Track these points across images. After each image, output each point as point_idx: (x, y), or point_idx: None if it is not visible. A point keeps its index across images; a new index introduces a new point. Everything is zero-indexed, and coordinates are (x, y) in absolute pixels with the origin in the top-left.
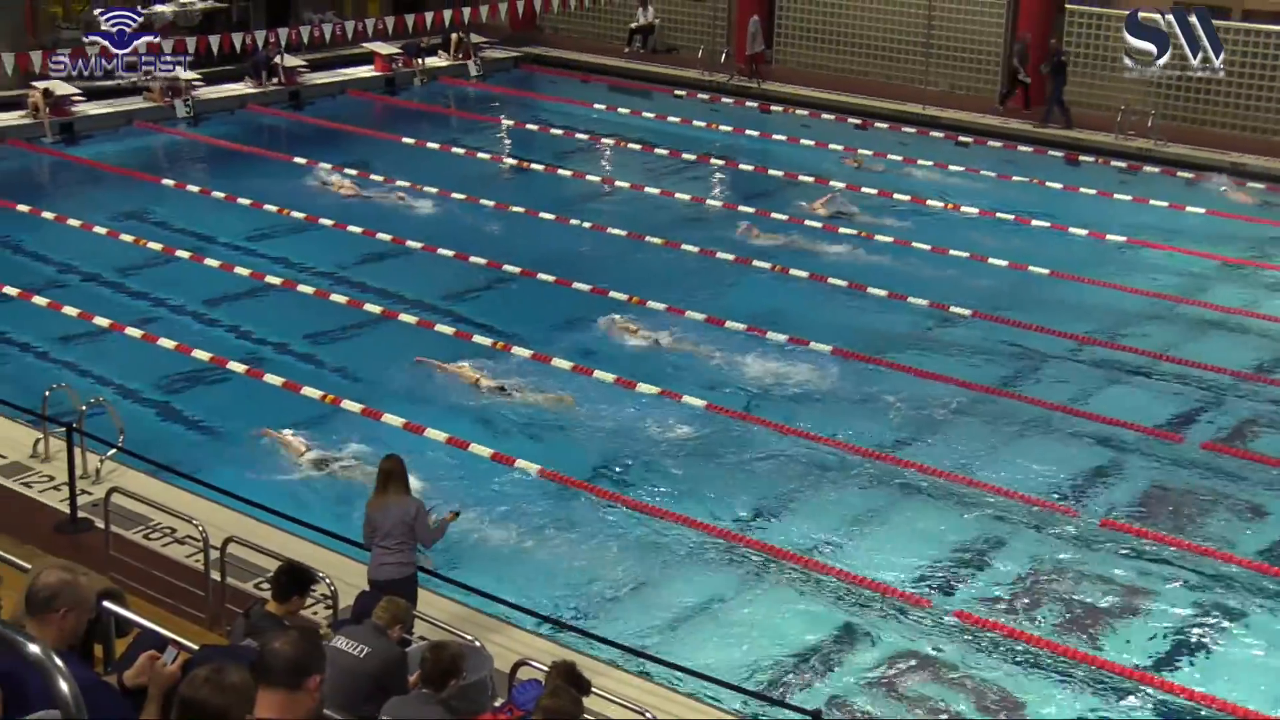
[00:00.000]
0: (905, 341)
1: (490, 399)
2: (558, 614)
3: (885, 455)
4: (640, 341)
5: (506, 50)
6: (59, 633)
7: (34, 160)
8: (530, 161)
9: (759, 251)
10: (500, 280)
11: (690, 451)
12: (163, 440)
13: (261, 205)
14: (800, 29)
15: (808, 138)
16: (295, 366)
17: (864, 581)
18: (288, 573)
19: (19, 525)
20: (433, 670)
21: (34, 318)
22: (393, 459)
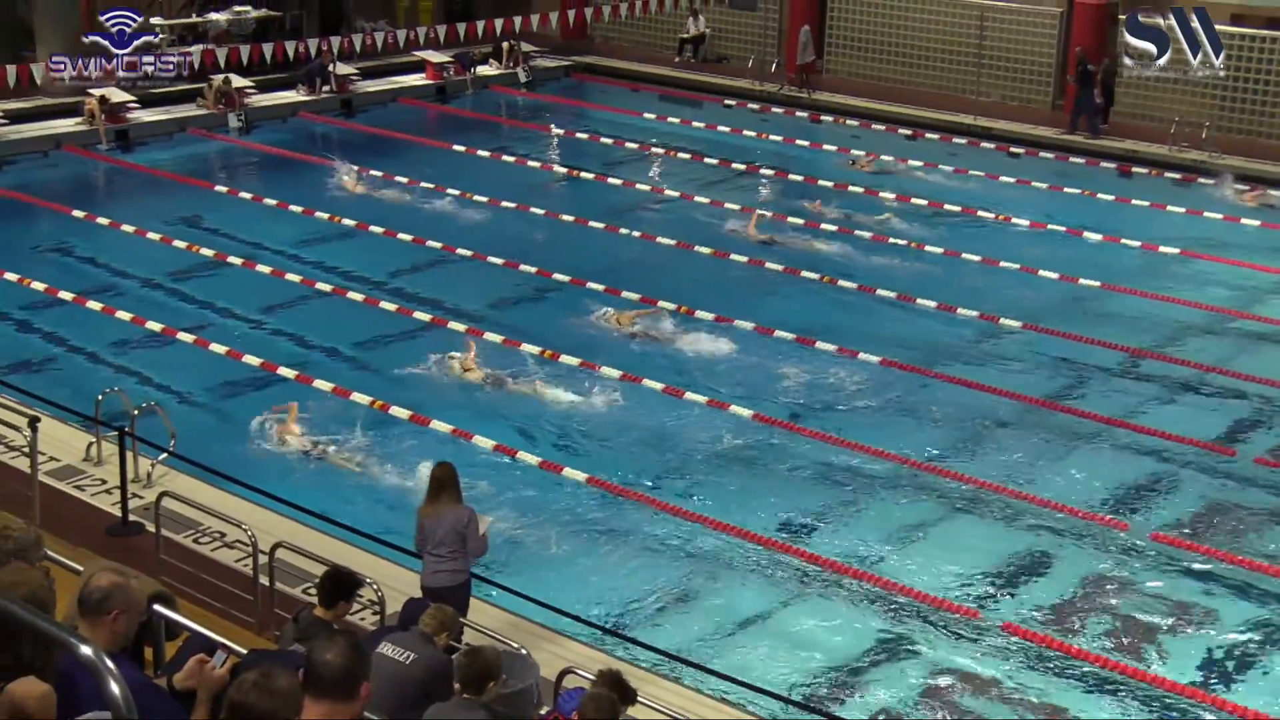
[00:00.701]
0: (954, 353)
1: (534, 407)
2: (604, 622)
3: (934, 467)
4: (687, 350)
5: (557, 59)
6: (110, 635)
7: (89, 166)
8: (580, 170)
9: (808, 261)
10: (549, 288)
11: (737, 461)
12: (213, 445)
13: (313, 212)
14: (851, 39)
15: (858, 148)
16: (344, 372)
17: (911, 592)
18: (332, 578)
19: (72, 527)
20: (468, 674)
21: (88, 322)
22: (445, 466)
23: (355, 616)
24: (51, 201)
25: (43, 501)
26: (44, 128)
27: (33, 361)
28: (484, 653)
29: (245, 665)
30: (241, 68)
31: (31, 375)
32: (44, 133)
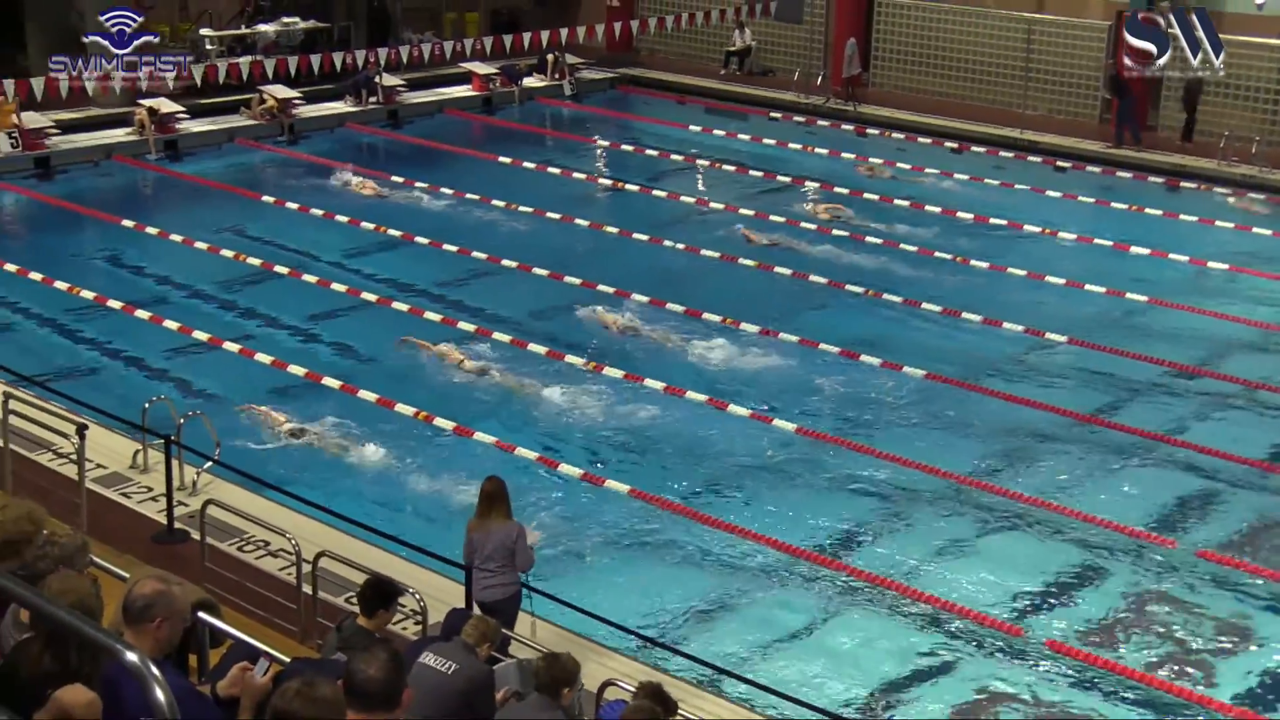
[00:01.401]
0: (999, 367)
1: (576, 419)
2: (646, 634)
3: (978, 481)
4: (731, 363)
5: (603, 71)
6: (154, 642)
7: (139, 176)
8: (624, 182)
9: (852, 275)
10: (594, 300)
11: (780, 474)
12: (258, 454)
13: (359, 223)
14: (897, 51)
15: (904, 161)
16: (388, 382)
17: (953, 608)
18: (373, 587)
19: (118, 535)
20: (546, 679)
21: (136, 331)
22: (495, 481)
23: (397, 626)
24: (101, 211)
25: (90, 508)
26: (95, 138)
27: (81, 369)
28: (562, 659)
29: (288, 673)
30: (289, 79)
31: (80, 383)
32: (95, 142)
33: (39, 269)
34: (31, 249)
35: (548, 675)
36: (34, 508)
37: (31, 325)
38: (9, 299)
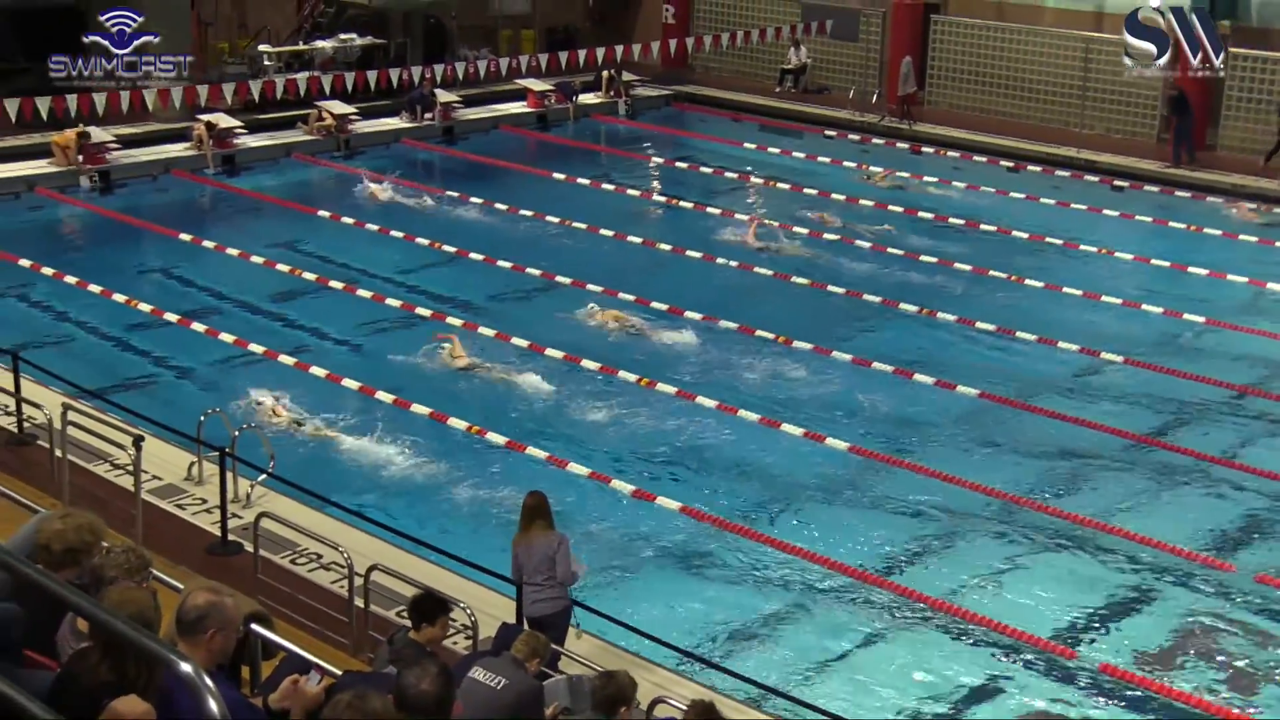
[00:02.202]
0: (1054, 387)
1: (627, 435)
2: (696, 651)
3: (1032, 502)
4: (783, 381)
5: (658, 88)
6: (207, 653)
7: (197, 190)
8: (679, 199)
9: (905, 293)
10: (647, 317)
11: (832, 492)
12: (311, 467)
13: (414, 238)
14: (953, 70)
15: (959, 180)
16: (441, 397)
17: (1005, 629)
18: (424, 600)
19: (173, 546)
20: (602, 697)
21: (192, 344)
22: (536, 495)
23: (447, 640)
24: (159, 224)
25: (145, 519)
26: (154, 152)
27: (138, 381)
28: (618, 677)
29: (339, 686)
30: (346, 95)
31: (137, 394)
32: (154, 157)
33: (98, 281)
34: (91, 262)
35: (604, 693)
36: (95, 520)
37: (90, 337)
38: (69, 312)
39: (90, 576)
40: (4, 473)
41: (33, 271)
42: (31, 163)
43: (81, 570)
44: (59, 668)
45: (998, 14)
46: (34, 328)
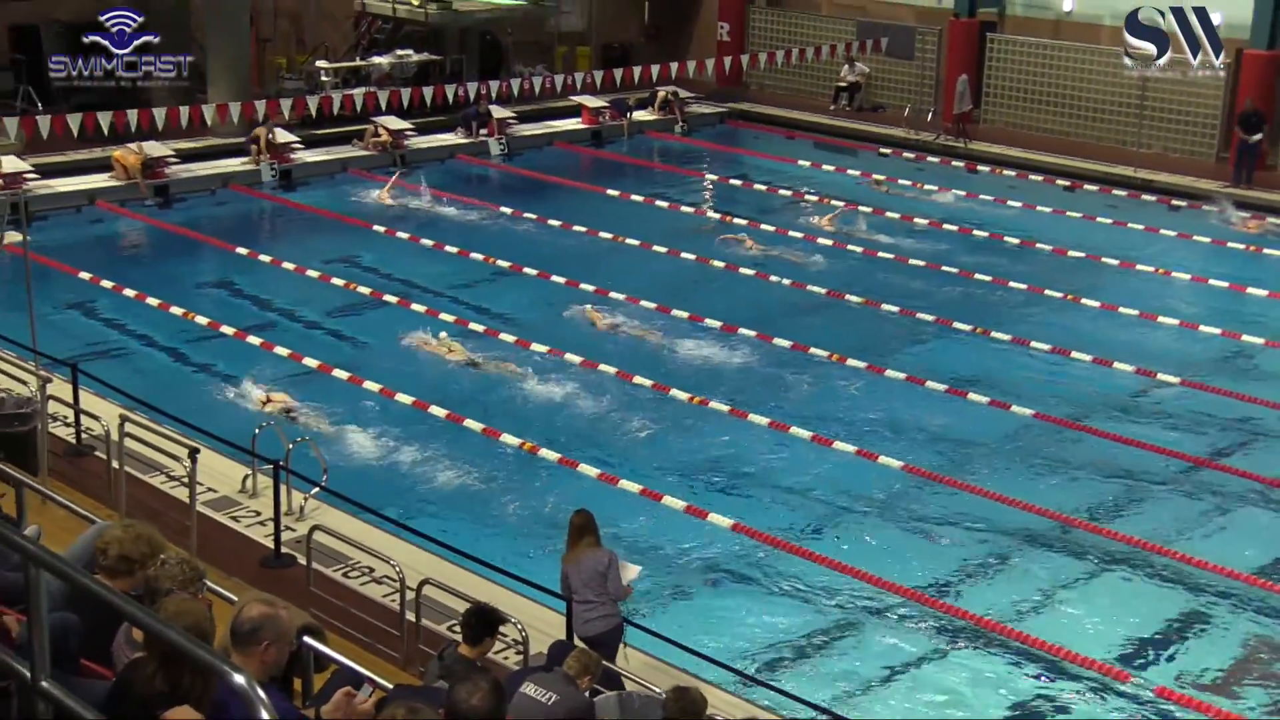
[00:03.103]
0: (1110, 408)
1: (678, 452)
2: (746, 670)
3: (1087, 523)
4: (837, 399)
5: (713, 105)
6: (261, 665)
7: (253, 205)
8: (732, 216)
9: (960, 311)
10: (700, 334)
11: (885, 511)
12: (364, 481)
13: (468, 253)
14: (1009, 88)
15: (1014, 199)
16: (495, 413)
17: (1059, 651)
18: (476, 614)
19: (227, 558)
20: (675, 711)
21: (247, 357)
22: (583, 513)
23: (498, 655)
24: (217, 238)
25: (200, 531)
26: (212, 167)
27: (194, 393)
28: (691, 693)
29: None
30: (402, 110)
31: (192, 407)
32: (212, 171)
33: (156, 294)
34: (149, 275)
35: (677, 708)
36: (153, 532)
37: (148, 350)
38: (127, 324)
39: (145, 587)
40: (62, 483)
41: (92, 284)
42: (92, 177)
43: (137, 581)
44: (114, 677)
45: (1054, 32)
46: (93, 340)
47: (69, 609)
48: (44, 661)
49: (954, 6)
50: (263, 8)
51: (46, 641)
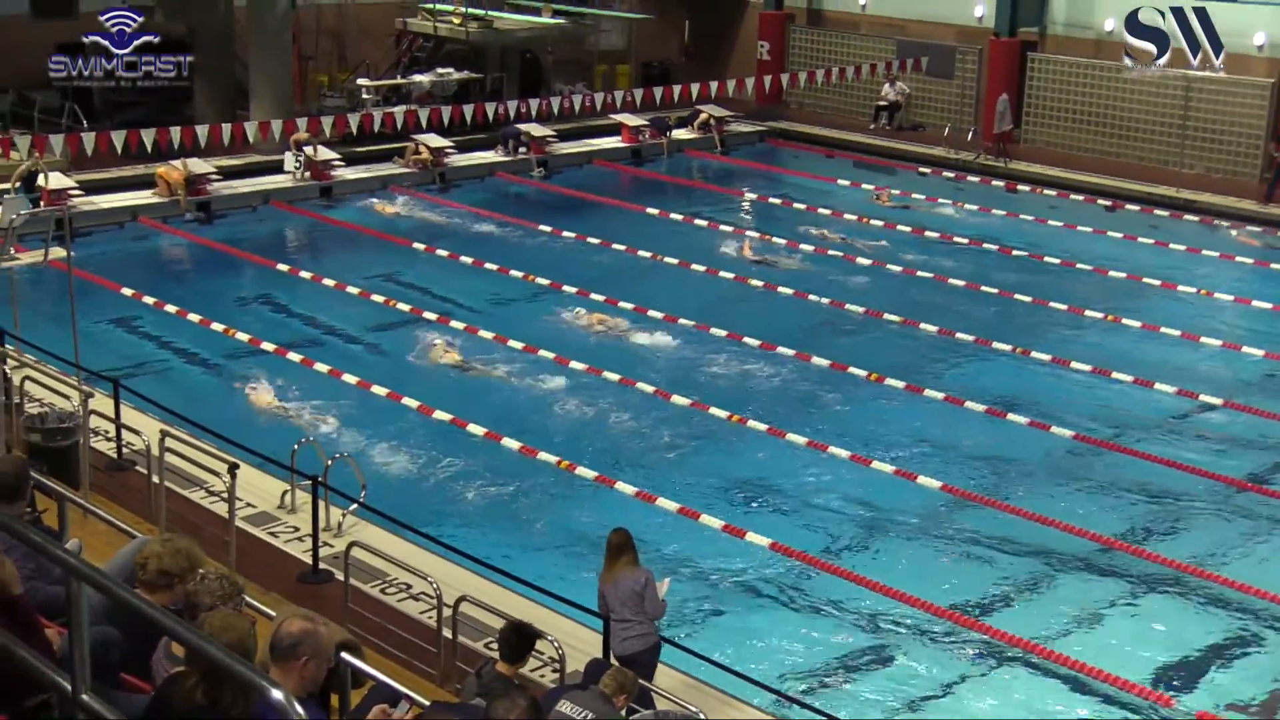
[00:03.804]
0: (1151, 429)
1: (719, 471)
2: (783, 689)
3: (1127, 545)
4: (876, 419)
5: (752, 124)
6: (300, 680)
7: (294, 221)
8: (771, 235)
9: (999, 331)
10: (739, 353)
11: (924, 531)
12: (402, 497)
13: (508, 271)
14: (1050, 108)
15: (1055, 218)
16: (532, 430)
17: (1099, 674)
18: (514, 631)
19: (265, 573)
20: None
21: (287, 373)
22: (620, 532)
23: (535, 673)
24: (258, 255)
25: (239, 546)
26: (254, 184)
27: (234, 409)
28: None
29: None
30: (442, 128)
31: (233, 422)
32: (253, 188)
33: (197, 310)
34: (191, 291)
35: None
36: (191, 546)
37: (188, 365)
38: (169, 339)
39: (185, 602)
40: (103, 497)
41: (134, 300)
42: (135, 193)
43: (177, 595)
44: (153, 691)
45: (1095, 51)
46: (134, 355)
47: (109, 623)
48: (84, 674)
49: (995, 25)
50: (305, 25)
51: (87, 654)
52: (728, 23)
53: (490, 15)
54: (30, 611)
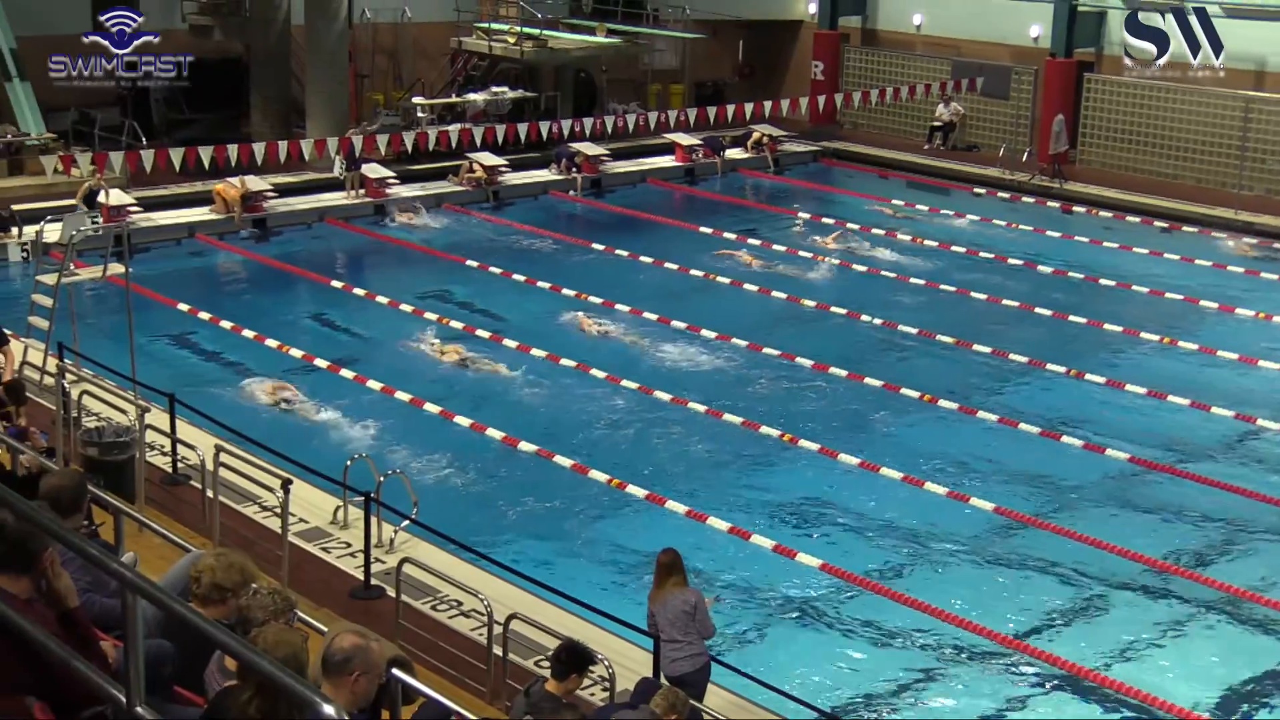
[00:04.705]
0: (1207, 453)
1: (769, 491)
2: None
3: (1184, 570)
4: (929, 441)
5: (806, 144)
6: (351, 695)
7: (349, 239)
8: (824, 255)
9: (1053, 353)
10: (791, 373)
11: (975, 554)
12: (453, 515)
13: (559, 289)
14: (1106, 129)
15: (1111, 240)
16: (585, 450)
17: (1155, 701)
18: (568, 651)
19: (317, 589)
20: None
21: (340, 390)
22: (669, 552)
23: (584, 692)
24: (312, 271)
25: (291, 561)
26: (309, 201)
27: (288, 425)
28: None
29: None
30: (496, 146)
31: (286, 438)
32: (309, 205)
33: (252, 326)
34: (246, 308)
35: None
36: (245, 561)
37: (243, 381)
38: (224, 355)
39: (238, 616)
40: (158, 511)
41: (190, 315)
42: (192, 210)
43: (230, 609)
44: (206, 704)
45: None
46: (190, 370)
47: (164, 636)
48: (139, 687)
49: (1051, 46)
50: (361, 44)
51: (142, 667)
52: (782, 42)
53: (545, 35)
54: (87, 624)
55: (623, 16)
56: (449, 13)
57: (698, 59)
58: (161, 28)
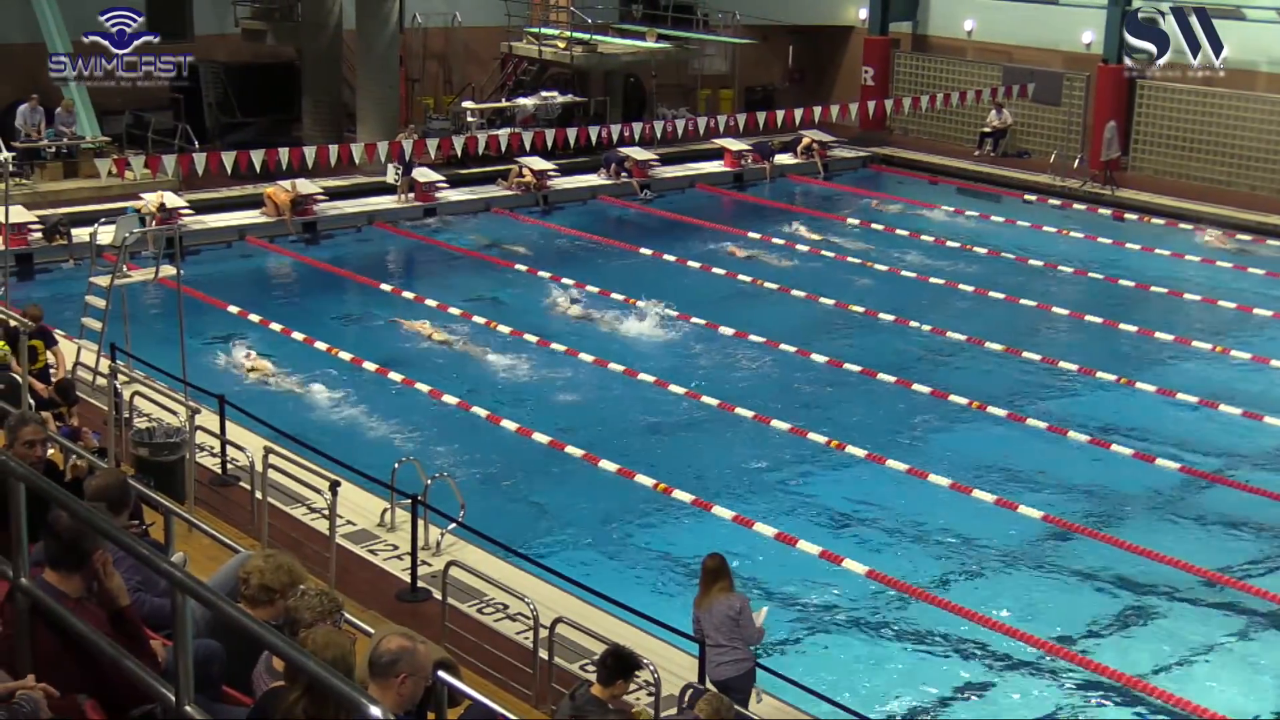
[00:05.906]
0: (1260, 462)
1: (816, 497)
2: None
3: (1235, 580)
4: (976, 447)
5: (855, 149)
6: (397, 698)
7: (398, 242)
8: (873, 261)
9: (1103, 360)
10: (839, 379)
11: (1023, 562)
12: (500, 518)
13: (608, 293)
14: (1159, 135)
15: (1163, 248)
16: (631, 454)
17: (1205, 713)
18: (614, 656)
19: (364, 591)
20: None
21: (388, 393)
22: (715, 557)
23: (630, 697)
24: (361, 274)
25: (338, 563)
26: (359, 204)
27: (337, 427)
28: None
29: None
30: (546, 151)
31: (335, 440)
32: (359, 209)
33: (301, 329)
34: (295, 310)
35: None
36: (293, 563)
37: (292, 383)
38: (273, 357)
39: (285, 617)
40: (207, 512)
41: (240, 318)
42: (243, 213)
43: (278, 610)
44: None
45: (1206, 78)
46: (240, 372)
47: (212, 636)
48: (188, 686)
49: (1103, 52)
50: (412, 49)
51: (191, 667)
52: (832, 48)
53: (594, 40)
54: (137, 623)
55: (672, 22)
56: (499, 17)
57: (747, 64)
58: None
